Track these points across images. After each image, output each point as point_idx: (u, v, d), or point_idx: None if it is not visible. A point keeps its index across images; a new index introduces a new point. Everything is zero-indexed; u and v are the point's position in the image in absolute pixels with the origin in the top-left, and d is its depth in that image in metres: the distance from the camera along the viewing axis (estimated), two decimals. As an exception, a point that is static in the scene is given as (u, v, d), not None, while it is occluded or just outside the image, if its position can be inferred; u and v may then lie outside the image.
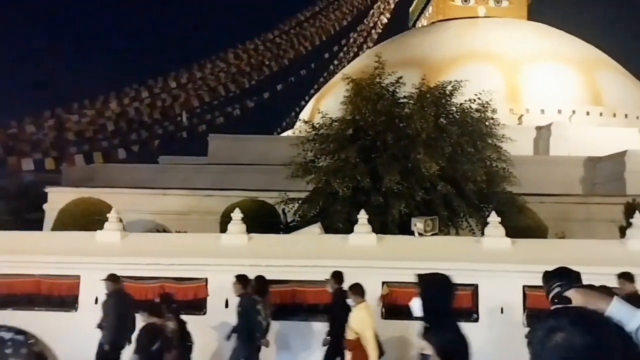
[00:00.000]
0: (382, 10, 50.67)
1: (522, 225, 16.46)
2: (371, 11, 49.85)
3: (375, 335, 10.09)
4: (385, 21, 50.69)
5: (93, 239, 13.98)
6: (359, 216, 14.08)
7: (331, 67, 46.13)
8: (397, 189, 16.14)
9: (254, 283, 11.28)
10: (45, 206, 23.81)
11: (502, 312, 12.49)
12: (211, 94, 32.42)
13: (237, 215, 14.22)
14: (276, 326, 12.40)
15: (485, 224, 14.22)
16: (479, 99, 18.03)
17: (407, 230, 14.54)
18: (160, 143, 29.33)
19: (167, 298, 10.58)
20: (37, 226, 22.30)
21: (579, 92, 34.34)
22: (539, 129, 31.16)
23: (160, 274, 13.07)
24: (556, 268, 5.32)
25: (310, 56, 40.24)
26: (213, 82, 32.99)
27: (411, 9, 52.48)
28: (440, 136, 17.03)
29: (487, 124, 17.93)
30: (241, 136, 30.45)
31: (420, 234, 13.92)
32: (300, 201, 17.94)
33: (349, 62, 44.76)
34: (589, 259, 12.06)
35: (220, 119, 32.18)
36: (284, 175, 17.72)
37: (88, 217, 17.08)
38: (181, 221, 21.48)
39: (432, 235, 14.02)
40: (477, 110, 17.94)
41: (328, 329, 11.40)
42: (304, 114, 36.81)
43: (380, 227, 15.18)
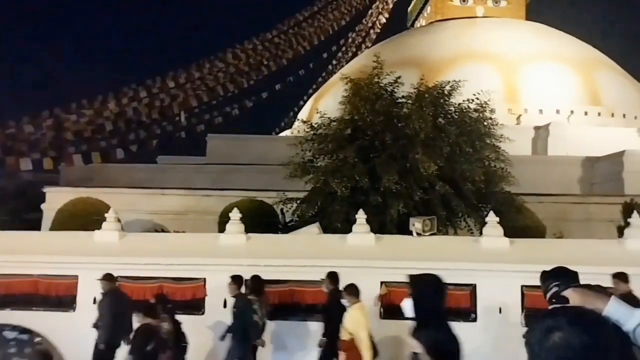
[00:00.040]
0: (380, 10, 50.67)
1: (520, 225, 16.45)
2: (370, 11, 49.87)
3: (370, 336, 10.05)
4: (383, 21, 50.71)
5: (91, 239, 13.97)
6: (357, 216, 14.08)
7: (330, 67, 46.14)
8: (396, 189, 16.14)
9: (249, 283, 11.27)
10: (43, 206, 23.77)
11: (500, 312, 12.49)
12: (210, 93, 32.42)
13: (235, 215, 14.21)
14: (273, 326, 12.40)
15: (484, 223, 14.22)
16: (478, 99, 18.03)
17: (405, 230, 14.54)
18: (159, 143, 29.36)
19: (162, 298, 10.57)
20: (35, 226, 22.27)
21: (577, 92, 34.33)
22: (537, 129, 31.15)
23: (158, 274, 13.06)
24: (553, 268, 5.31)
25: (309, 56, 40.33)
26: (212, 82, 32.99)
27: (409, 8, 52.51)
28: (438, 136, 17.02)
29: (485, 124, 17.93)
30: (240, 136, 30.39)
31: (419, 234, 13.92)
32: (298, 201, 17.93)
33: (347, 62, 44.73)
34: (587, 258, 12.07)
35: (219, 118, 32.21)
36: (283, 175, 17.71)
37: (86, 217, 17.05)
38: (179, 221, 21.46)
39: (430, 235, 14.02)
40: (476, 110, 17.94)
41: (323, 329, 11.37)
42: (302, 114, 36.75)
43: (378, 227, 15.18)
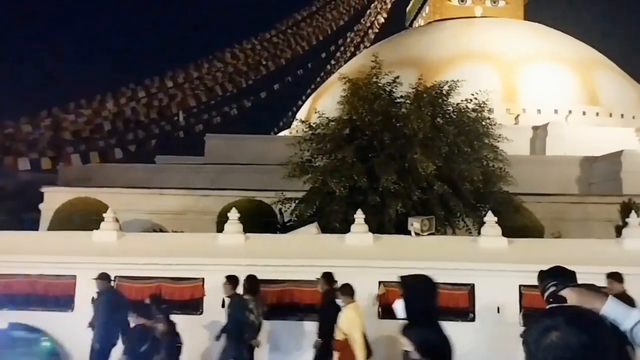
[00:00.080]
0: (379, 10, 50.65)
1: (518, 224, 16.47)
2: (368, 11, 49.82)
3: (364, 336, 10.04)
4: (382, 21, 50.66)
5: (89, 238, 13.96)
6: (355, 216, 14.08)
7: (328, 66, 46.07)
8: (394, 189, 16.14)
9: (245, 283, 11.25)
10: (41, 206, 23.75)
11: (498, 311, 12.49)
12: (208, 93, 32.37)
13: (233, 215, 14.22)
14: (269, 326, 12.39)
15: (482, 223, 14.23)
16: (476, 98, 18.03)
17: (403, 230, 14.55)
18: (157, 143, 29.29)
19: (156, 299, 10.54)
20: (33, 226, 22.26)
21: (575, 92, 34.34)
22: (535, 128, 31.15)
23: (156, 273, 13.06)
24: (551, 267, 5.30)
25: (307, 56, 40.26)
26: (210, 82, 32.95)
27: (408, 8, 52.50)
28: (437, 136, 17.03)
29: (483, 123, 17.93)
30: (238, 136, 30.36)
31: (417, 234, 13.93)
32: (297, 201, 17.92)
33: (345, 61, 44.68)
34: (586, 258, 12.09)
35: (217, 118, 32.16)
36: (281, 175, 17.70)
37: (84, 217, 17.05)
38: (178, 221, 21.45)
39: (428, 235, 14.03)
40: (474, 110, 17.95)
41: (318, 330, 11.34)
42: (300, 114, 36.72)
43: (377, 226, 15.19)
